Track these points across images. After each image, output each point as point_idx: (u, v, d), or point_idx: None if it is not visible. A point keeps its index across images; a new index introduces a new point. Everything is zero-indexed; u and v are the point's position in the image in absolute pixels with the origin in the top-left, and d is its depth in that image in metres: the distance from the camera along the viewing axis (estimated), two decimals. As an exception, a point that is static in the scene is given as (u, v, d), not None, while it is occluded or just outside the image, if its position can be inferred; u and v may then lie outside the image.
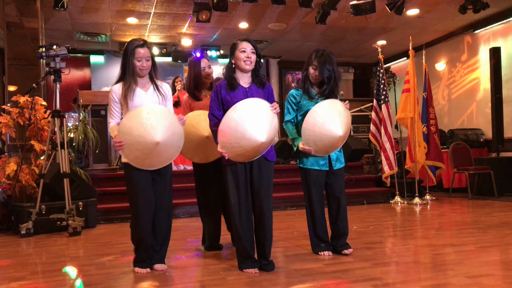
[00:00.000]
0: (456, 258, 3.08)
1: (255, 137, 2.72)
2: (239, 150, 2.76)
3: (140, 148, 2.77)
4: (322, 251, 3.28)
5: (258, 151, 2.79)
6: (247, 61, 2.90)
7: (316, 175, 3.25)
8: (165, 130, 2.77)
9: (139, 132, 2.73)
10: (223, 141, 2.76)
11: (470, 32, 8.64)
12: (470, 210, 5.74)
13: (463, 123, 8.89)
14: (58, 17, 7.31)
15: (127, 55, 2.88)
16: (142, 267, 2.95)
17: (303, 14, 7.66)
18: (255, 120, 2.75)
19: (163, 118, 2.80)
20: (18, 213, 4.81)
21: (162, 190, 2.95)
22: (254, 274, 2.80)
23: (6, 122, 5.20)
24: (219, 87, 2.94)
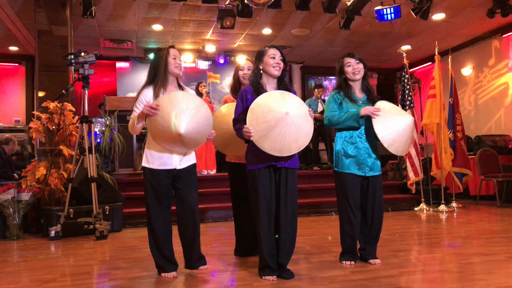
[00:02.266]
0: (485, 267, 3.01)
1: (282, 109, 2.74)
2: (265, 127, 2.74)
3: (161, 129, 2.77)
4: (347, 261, 3.21)
5: (284, 128, 2.76)
6: (276, 66, 2.92)
7: (352, 178, 3.17)
8: (191, 125, 2.76)
9: (170, 119, 2.73)
10: (250, 118, 2.77)
11: (498, 36, 8.47)
12: (499, 218, 5.61)
13: (491, 129, 8.70)
14: (85, 24, 7.49)
15: (160, 56, 2.94)
16: (166, 271, 2.97)
17: (327, 20, 7.65)
18: (288, 100, 2.82)
19: (197, 114, 2.80)
20: (48, 216, 4.93)
21: (185, 196, 2.94)
22: (272, 281, 2.79)
23: (36, 127, 5.35)
24: (244, 93, 2.96)
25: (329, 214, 6.22)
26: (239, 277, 2.96)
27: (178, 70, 2.97)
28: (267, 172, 2.86)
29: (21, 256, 3.92)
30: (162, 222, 2.95)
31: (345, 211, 3.21)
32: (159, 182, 2.91)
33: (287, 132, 2.76)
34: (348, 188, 3.18)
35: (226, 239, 4.43)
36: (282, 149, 2.77)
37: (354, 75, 3.24)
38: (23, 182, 5.32)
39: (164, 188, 2.93)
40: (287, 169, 2.89)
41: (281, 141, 2.76)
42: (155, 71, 2.95)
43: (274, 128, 2.74)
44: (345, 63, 3.28)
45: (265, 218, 2.83)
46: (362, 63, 3.26)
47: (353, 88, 3.29)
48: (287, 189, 2.88)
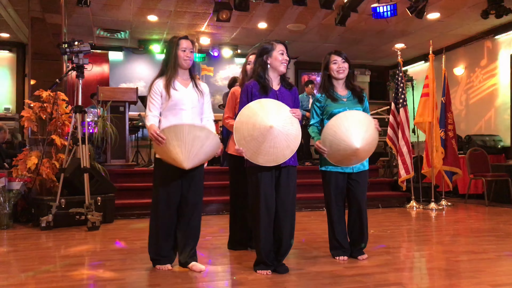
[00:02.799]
0: (477, 265, 3.06)
1: (265, 123, 2.72)
2: (254, 144, 2.75)
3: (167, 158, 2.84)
4: (339, 256, 3.26)
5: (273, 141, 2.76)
6: (284, 63, 2.94)
7: (336, 178, 3.24)
8: (197, 160, 2.82)
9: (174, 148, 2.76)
10: (238, 137, 2.79)
11: (490, 37, 8.54)
12: (487, 217, 5.69)
13: (481, 129, 8.80)
14: (79, 13, 7.39)
15: (170, 48, 2.92)
16: (162, 264, 2.97)
17: (323, 16, 7.65)
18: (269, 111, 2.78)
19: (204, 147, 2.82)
20: (39, 206, 4.89)
21: (191, 187, 2.94)
22: (267, 275, 2.81)
23: (28, 116, 5.29)
24: (249, 88, 2.92)
25: (321, 210, 6.26)
26: (234, 271, 2.97)
27: (187, 64, 2.94)
28: (268, 169, 2.86)
29: (12, 245, 3.89)
30: (169, 214, 2.94)
31: (330, 208, 3.28)
32: (169, 173, 2.89)
33: (277, 143, 2.77)
34: (332, 186, 3.24)
35: (219, 232, 4.44)
36: (277, 158, 2.80)
37: (338, 73, 3.26)
38: (13, 171, 5.26)
39: (174, 179, 2.91)
40: (288, 167, 2.89)
41: (274, 152, 2.78)
42: (166, 63, 2.95)
43: (264, 143, 2.75)
44: (331, 60, 3.28)
45: (265, 215, 2.84)
46: (348, 63, 3.28)
47: (335, 86, 3.31)
48: (288, 187, 2.89)
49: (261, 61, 2.94)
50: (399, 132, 6.59)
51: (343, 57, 3.27)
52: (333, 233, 3.29)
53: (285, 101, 2.90)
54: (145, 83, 9.68)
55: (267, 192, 2.84)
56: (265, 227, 2.85)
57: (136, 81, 9.66)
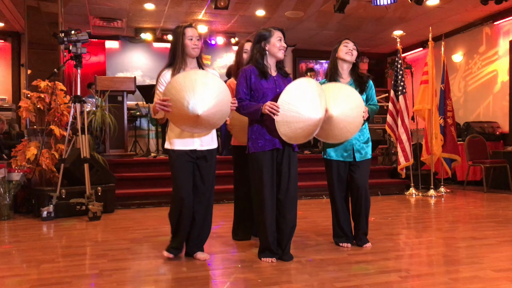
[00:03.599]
0: (479, 251, 3.08)
1: (316, 112, 2.80)
2: (292, 117, 2.77)
3: (182, 115, 2.70)
4: (343, 243, 3.29)
5: (309, 127, 2.81)
6: (282, 50, 2.93)
7: (338, 166, 3.25)
8: (211, 105, 2.68)
9: (187, 99, 2.64)
10: (284, 99, 2.77)
11: (489, 23, 8.51)
12: (486, 203, 5.73)
13: (479, 115, 8.81)
14: (75, 1, 7.30)
15: (177, 38, 2.87)
16: (171, 252, 2.96)
17: (321, 3, 7.58)
18: (319, 100, 2.85)
19: (215, 91, 2.72)
20: (39, 197, 4.87)
21: (206, 176, 2.92)
22: (272, 263, 2.83)
23: (26, 106, 5.25)
24: (248, 72, 2.90)
25: (320, 198, 6.28)
26: (239, 259, 2.97)
27: (196, 52, 2.89)
28: (270, 155, 2.86)
29: (13, 236, 3.88)
30: (179, 202, 2.88)
31: (333, 196, 3.31)
32: (182, 161, 2.86)
33: (306, 130, 2.82)
34: (335, 174, 3.27)
35: (221, 221, 4.44)
36: (292, 138, 2.84)
37: (346, 54, 3.25)
38: (13, 162, 5.24)
39: (187, 167, 2.87)
40: (290, 153, 2.90)
41: (298, 133, 2.82)
42: (173, 53, 2.90)
43: (300, 123, 2.77)
44: (343, 42, 3.30)
45: (268, 202, 2.84)
46: (357, 52, 3.30)
47: (340, 72, 3.30)
48: (290, 173, 2.89)
49: (259, 47, 2.93)
50: (398, 119, 6.58)
51: (356, 46, 3.30)
52: (337, 221, 3.32)
53: (282, 88, 2.88)
54: (142, 72, 9.62)
55: (269, 178, 2.85)
56: (268, 213, 2.85)
57: (133, 70, 9.58)
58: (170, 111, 2.70)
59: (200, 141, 2.90)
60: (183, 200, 2.84)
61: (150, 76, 9.54)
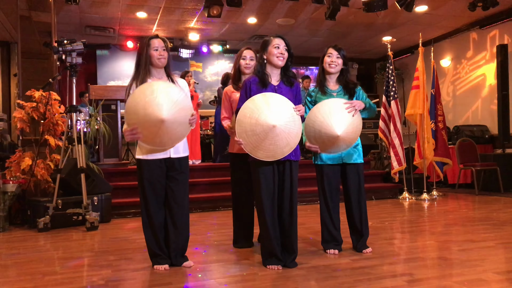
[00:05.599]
0: (479, 254, 3.14)
1: (268, 122, 2.73)
2: (255, 140, 2.77)
3: (147, 126, 2.72)
4: (330, 249, 3.29)
5: (274, 139, 2.77)
6: (280, 57, 2.92)
7: (329, 171, 3.27)
8: (172, 107, 2.69)
9: (145, 111, 2.67)
10: (239, 130, 2.80)
11: (476, 28, 8.69)
12: (478, 206, 5.82)
13: (468, 119, 8.96)
14: (67, 10, 7.28)
15: (141, 49, 2.88)
16: (160, 264, 2.95)
17: (312, 10, 7.67)
18: (273, 108, 2.78)
19: (171, 94, 2.73)
20: (35, 208, 4.83)
21: (179, 186, 2.93)
22: (277, 270, 2.84)
23: (21, 116, 5.21)
24: (248, 83, 2.94)
25: (316, 203, 6.30)
26: (244, 267, 2.99)
27: (162, 62, 2.89)
28: (271, 164, 2.88)
29: (10, 248, 3.84)
30: (159, 214, 2.93)
31: (322, 201, 3.33)
32: (155, 173, 2.87)
33: (278, 141, 2.79)
34: (324, 180, 3.29)
35: (219, 228, 4.45)
36: (275, 155, 2.84)
37: (330, 67, 3.26)
38: (7, 173, 5.18)
39: (159, 179, 2.89)
40: (291, 162, 2.92)
41: (273, 149, 2.81)
42: (137, 65, 2.91)
43: (265, 140, 2.77)
44: (327, 52, 3.29)
45: (270, 210, 2.87)
46: (343, 60, 3.28)
47: (328, 80, 3.32)
48: (291, 182, 2.92)
49: (259, 57, 2.98)
50: (390, 124, 6.67)
51: (340, 53, 3.26)
52: (325, 226, 3.33)
53: (285, 96, 2.91)
54: (133, 80, 9.60)
55: (270, 185, 2.87)
56: (271, 221, 2.88)
57: (124, 78, 9.56)
58: (140, 137, 2.74)
59: (173, 149, 2.91)
60: (154, 215, 2.90)
61: (142, 84, 9.52)
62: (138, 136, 2.73)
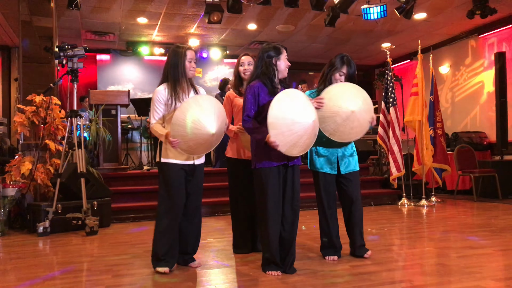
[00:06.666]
0: (478, 261, 3.16)
1: (307, 119, 2.84)
2: (293, 138, 2.83)
3: (195, 139, 2.87)
4: (329, 256, 3.30)
5: (310, 134, 2.88)
6: (287, 69, 3.03)
7: (325, 177, 3.28)
8: (217, 120, 2.90)
9: (194, 124, 2.83)
10: (275, 133, 2.80)
11: (474, 36, 8.75)
12: (477, 212, 5.84)
13: (466, 126, 9.00)
14: (68, 15, 7.32)
15: (178, 57, 2.98)
16: (165, 266, 2.98)
17: (312, 16, 7.72)
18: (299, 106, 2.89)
19: (213, 108, 2.91)
20: (35, 212, 4.83)
21: (196, 191, 3.07)
22: (277, 276, 2.85)
23: (21, 121, 5.22)
24: (256, 89, 2.93)
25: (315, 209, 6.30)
26: (243, 273, 3.00)
27: (192, 74, 3.07)
28: (277, 170, 2.91)
29: (10, 253, 3.84)
30: (179, 216, 3.01)
31: (320, 208, 3.34)
32: (179, 176, 2.99)
33: (312, 135, 2.91)
34: (322, 187, 3.29)
35: (219, 234, 4.46)
36: (307, 148, 2.95)
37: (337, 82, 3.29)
38: (7, 177, 5.19)
39: (182, 182, 3.00)
40: (293, 167, 2.95)
41: (308, 143, 2.92)
42: (172, 72, 2.99)
43: (303, 136, 2.85)
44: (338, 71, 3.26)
45: (275, 216, 2.88)
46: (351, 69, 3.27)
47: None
48: (294, 187, 2.94)
49: (269, 62, 2.95)
50: (389, 131, 6.70)
51: (349, 65, 3.25)
52: (324, 233, 3.34)
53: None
54: (133, 85, 9.63)
55: (275, 192, 2.89)
56: (273, 227, 2.89)
57: (125, 83, 9.60)
58: (181, 147, 2.88)
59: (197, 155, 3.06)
60: (177, 217, 3.01)
61: (142, 89, 9.56)
62: (177, 144, 2.85)
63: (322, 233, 3.36)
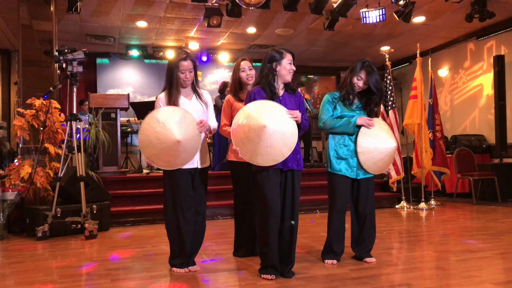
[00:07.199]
0: (477, 264, 3.16)
1: (259, 123, 2.76)
2: (251, 146, 2.80)
3: (167, 151, 2.92)
4: (328, 259, 3.29)
5: (269, 138, 2.79)
6: (291, 73, 2.99)
7: (341, 181, 3.26)
8: (179, 128, 2.91)
9: (159, 140, 2.89)
10: (235, 141, 2.85)
11: (473, 39, 8.77)
12: (476, 215, 5.84)
13: (465, 129, 9.01)
14: (68, 19, 7.33)
15: (172, 68, 3.05)
16: (180, 267, 3.09)
17: (311, 20, 7.74)
18: (262, 112, 2.83)
19: (173, 117, 2.93)
20: (34, 216, 4.83)
21: (200, 195, 3.10)
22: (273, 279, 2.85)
23: (21, 125, 5.22)
24: (253, 94, 2.94)
25: (314, 212, 6.33)
26: (242, 277, 3.00)
27: (186, 84, 3.10)
28: (276, 174, 2.90)
29: (9, 257, 3.83)
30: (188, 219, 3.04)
31: (332, 210, 3.32)
32: (184, 179, 3.02)
33: (273, 142, 2.80)
34: (337, 190, 3.27)
35: (220, 239, 4.46)
36: (275, 157, 2.83)
37: (354, 89, 3.31)
38: (6, 181, 5.19)
39: (188, 186, 3.03)
40: (293, 171, 2.95)
41: (271, 152, 2.81)
42: (169, 82, 3.08)
43: (260, 143, 2.78)
44: (356, 74, 3.27)
45: (274, 220, 2.88)
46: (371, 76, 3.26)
47: (351, 95, 3.33)
48: (294, 192, 2.94)
49: (270, 67, 2.94)
50: (389, 134, 6.69)
51: (370, 72, 3.24)
52: (330, 237, 3.31)
53: (288, 106, 2.94)
54: (133, 89, 9.65)
55: (273, 196, 2.88)
56: (272, 230, 2.88)
57: (124, 86, 9.61)
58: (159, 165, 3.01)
59: (200, 159, 3.09)
60: (186, 219, 3.04)
61: (141, 93, 9.57)
62: (155, 165, 2.97)
63: (328, 236, 3.33)
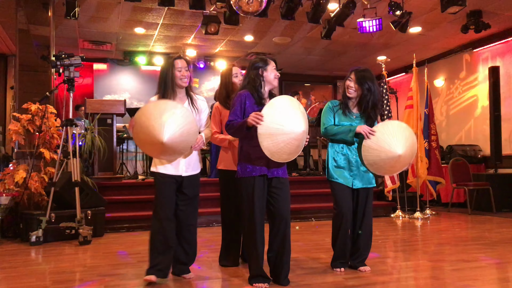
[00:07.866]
0: (472, 274, 3.16)
1: (298, 124, 2.81)
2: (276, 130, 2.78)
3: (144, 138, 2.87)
4: (337, 267, 3.30)
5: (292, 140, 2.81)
6: (277, 78, 3.02)
7: (341, 189, 3.26)
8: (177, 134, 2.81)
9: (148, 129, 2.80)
10: (268, 112, 2.79)
11: (469, 50, 8.84)
12: (471, 225, 5.85)
13: (461, 139, 9.05)
14: (65, 25, 7.34)
15: (166, 68, 3.00)
16: (152, 274, 2.95)
17: (308, 29, 7.79)
18: (302, 115, 2.88)
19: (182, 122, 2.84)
20: (28, 221, 4.80)
21: (188, 203, 3.05)
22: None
23: (16, 129, 5.21)
24: (243, 97, 2.94)
25: (309, 220, 6.32)
26: (235, 285, 2.98)
27: (184, 83, 3.04)
28: (261, 181, 2.89)
29: (3, 262, 3.80)
30: (170, 226, 2.98)
31: (336, 218, 3.30)
32: (167, 186, 2.97)
33: (290, 145, 2.80)
34: (339, 197, 3.27)
35: (211, 246, 4.45)
36: (274, 154, 2.80)
37: (346, 92, 3.34)
38: (0, 185, 5.16)
39: (170, 193, 2.98)
40: (279, 178, 2.94)
41: (281, 148, 2.79)
42: (163, 84, 3.01)
43: (283, 135, 2.77)
44: (346, 80, 3.36)
45: (260, 228, 2.87)
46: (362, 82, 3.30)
47: (349, 103, 3.37)
48: (283, 199, 2.92)
49: (256, 73, 2.97)
50: (384, 143, 6.72)
51: (361, 77, 3.30)
52: (335, 244, 3.31)
53: None
54: (130, 95, 9.65)
55: (260, 203, 2.87)
56: (260, 238, 2.88)
57: (121, 92, 9.61)
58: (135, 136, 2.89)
59: (185, 167, 3.03)
60: (166, 225, 2.96)
61: (138, 99, 9.58)
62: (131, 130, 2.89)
63: (334, 245, 3.32)
